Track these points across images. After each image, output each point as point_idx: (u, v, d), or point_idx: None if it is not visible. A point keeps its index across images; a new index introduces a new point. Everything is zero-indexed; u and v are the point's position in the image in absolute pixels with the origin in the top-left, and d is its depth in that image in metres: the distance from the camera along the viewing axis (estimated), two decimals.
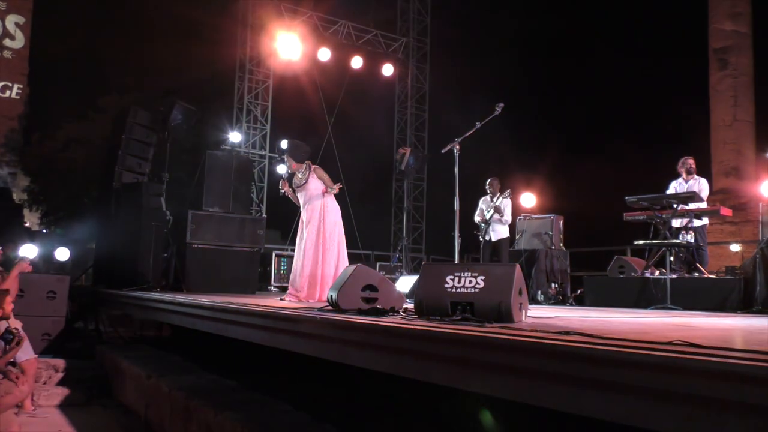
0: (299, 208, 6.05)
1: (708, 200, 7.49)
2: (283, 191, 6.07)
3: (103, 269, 9.17)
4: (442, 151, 5.50)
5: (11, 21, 19.22)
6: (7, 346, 5.00)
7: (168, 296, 6.12)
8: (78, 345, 7.51)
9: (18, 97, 19.27)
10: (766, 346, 1.93)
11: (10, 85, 19.17)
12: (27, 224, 17.68)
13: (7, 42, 19.15)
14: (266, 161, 15.01)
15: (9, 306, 5.17)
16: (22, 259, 6.12)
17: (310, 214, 5.85)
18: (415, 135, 17.02)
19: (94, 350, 7.39)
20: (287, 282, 6.38)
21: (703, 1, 14.52)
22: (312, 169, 6.00)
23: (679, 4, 14.81)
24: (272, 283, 11.22)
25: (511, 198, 8.76)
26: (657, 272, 6.76)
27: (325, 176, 6.01)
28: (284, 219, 12.29)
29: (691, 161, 7.55)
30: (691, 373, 1.64)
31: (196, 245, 8.03)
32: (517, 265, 3.13)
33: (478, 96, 13.87)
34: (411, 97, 17.09)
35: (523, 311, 3.19)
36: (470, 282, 3.06)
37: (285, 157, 6.15)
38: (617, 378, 1.80)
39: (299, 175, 6.01)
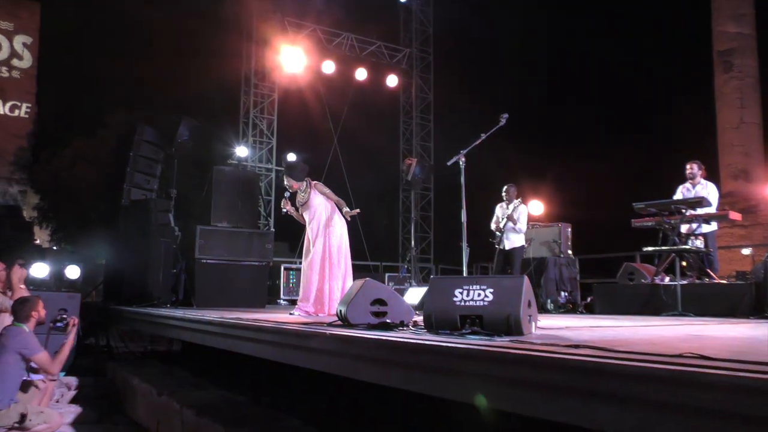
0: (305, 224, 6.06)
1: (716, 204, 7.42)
2: (285, 210, 6.08)
3: (113, 285, 9.20)
4: (448, 164, 5.52)
5: (19, 41, 19.47)
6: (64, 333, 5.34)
7: (178, 312, 6.14)
8: (89, 361, 7.54)
9: (27, 116, 19.49)
10: None
11: (19, 104, 19.39)
12: (37, 241, 17.79)
13: (15, 62, 19.40)
14: (273, 175, 15.06)
15: (43, 311, 5.27)
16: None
17: (315, 229, 5.87)
18: (420, 145, 17.06)
19: (105, 366, 7.42)
20: (296, 295, 6.40)
21: (706, 4, 14.51)
22: (312, 185, 6.02)
23: (682, 7, 14.81)
24: (282, 296, 11.23)
25: (522, 204, 8.65)
26: (667, 278, 6.73)
27: (326, 190, 6.03)
28: (292, 232, 12.31)
29: (696, 165, 7.50)
30: (701, 386, 1.63)
31: (205, 260, 8.06)
32: (526, 277, 3.12)
33: (484, 103, 13.91)
34: (416, 108, 17.14)
35: (533, 323, 3.18)
36: (479, 295, 3.05)
37: (284, 178, 6.16)
38: (628, 392, 1.79)
39: (301, 194, 6.03)
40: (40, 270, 8.10)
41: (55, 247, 17.81)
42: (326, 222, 5.85)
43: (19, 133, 19.36)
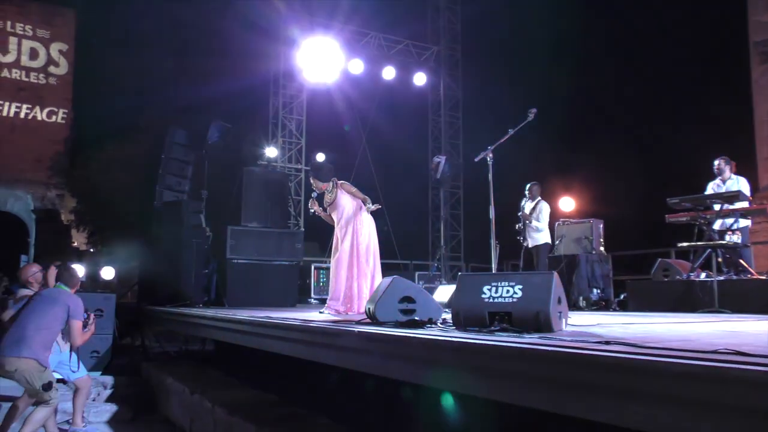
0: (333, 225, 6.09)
1: (754, 198, 7.23)
2: (312, 210, 6.12)
3: (147, 286, 9.36)
4: (475, 160, 5.49)
5: (55, 49, 19.96)
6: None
7: (209, 312, 6.21)
8: (125, 361, 7.67)
9: (63, 121, 19.96)
10: None
11: (56, 110, 19.87)
12: (75, 244, 18.22)
13: (51, 69, 19.88)
14: (302, 175, 15.16)
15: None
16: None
17: (344, 228, 5.89)
18: (450, 143, 16.99)
19: (140, 366, 7.54)
20: (327, 294, 6.42)
21: None
22: (339, 185, 6.04)
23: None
24: (312, 295, 11.29)
25: (543, 201, 8.67)
26: (703, 274, 6.57)
27: (353, 189, 6.04)
28: (322, 231, 12.34)
29: (723, 161, 7.32)
30: (738, 383, 1.58)
31: (236, 260, 8.14)
32: (555, 273, 3.08)
33: (514, 99, 13.75)
34: (444, 105, 17.08)
35: (563, 320, 3.13)
36: (507, 292, 3.02)
37: (311, 180, 6.20)
38: (659, 389, 1.74)
39: (328, 195, 6.06)
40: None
41: (91, 250, 18.19)
42: (354, 221, 5.87)
43: (56, 138, 19.84)
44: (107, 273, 8.86)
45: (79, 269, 8.47)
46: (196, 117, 9.76)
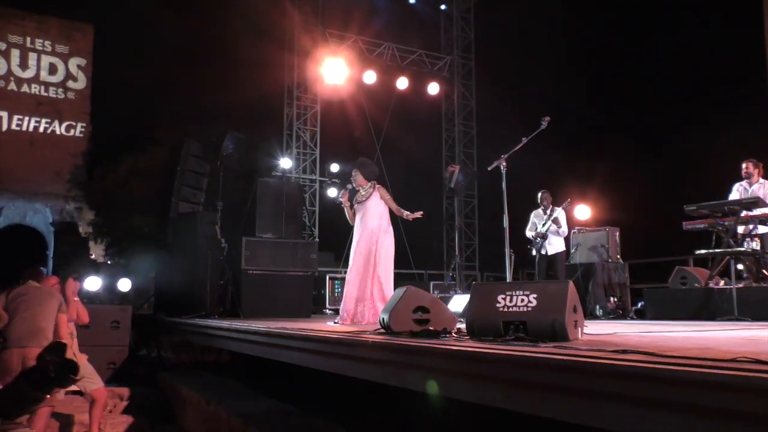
0: (351, 227, 6.08)
1: None
2: (340, 200, 6.13)
3: (163, 297, 9.41)
4: (489, 169, 5.48)
5: (74, 63, 20.24)
6: None
7: (225, 323, 6.23)
8: (141, 372, 7.70)
9: (81, 135, 20.20)
10: None
11: (74, 124, 20.12)
12: (93, 256, 18.37)
13: (70, 83, 20.16)
14: (317, 185, 15.20)
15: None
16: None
17: (361, 232, 5.88)
18: (463, 152, 16.96)
19: (156, 377, 7.57)
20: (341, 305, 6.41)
21: None
22: (376, 188, 6.05)
23: (732, 2, 14.34)
24: (327, 306, 11.29)
25: (566, 209, 8.55)
26: (722, 282, 6.49)
27: (387, 196, 6.05)
28: (337, 242, 12.39)
29: (752, 164, 7.21)
30: (758, 391, 1.55)
31: (251, 271, 8.16)
32: (571, 282, 3.05)
33: (528, 108, 13.71)
34: (458, 114, 17.06)
35: (579, 329, 3.10)
36: (522, 300, 3.00)
37: (354, 171, 6.21)
38: (677, 398, 1.72)
39: (362, 192, 6.07)
40: (92, 283, 8.34)
41: (109, 262, 18.34)
42: (376, 228, 5.86)
43: (75, 151, 20.07)
44: (124, 285, 8.91)
45: (96, 281, 8.57)
46: (210, 129, 9.83)
